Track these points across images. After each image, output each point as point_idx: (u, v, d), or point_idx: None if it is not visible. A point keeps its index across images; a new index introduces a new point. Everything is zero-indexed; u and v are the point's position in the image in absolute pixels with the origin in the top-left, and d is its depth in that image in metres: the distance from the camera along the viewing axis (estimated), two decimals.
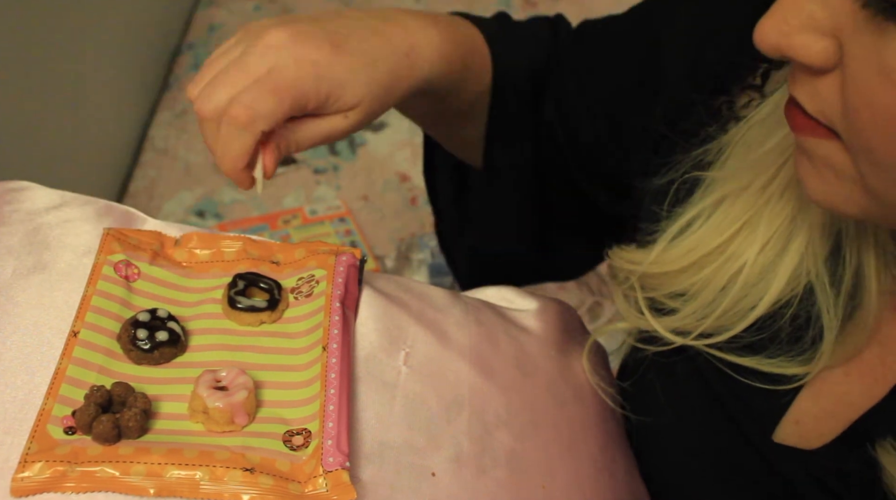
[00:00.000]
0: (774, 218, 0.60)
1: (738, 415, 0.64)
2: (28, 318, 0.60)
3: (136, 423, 0.54)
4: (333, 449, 0.54)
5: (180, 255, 0.67)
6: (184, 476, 0.52)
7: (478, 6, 1.81)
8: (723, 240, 0.62)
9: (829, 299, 0.59)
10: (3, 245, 0.65)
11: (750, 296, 0.61)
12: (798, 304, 0.60)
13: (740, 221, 0.61)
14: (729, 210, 0.62)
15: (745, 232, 0.61)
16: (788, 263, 0.60)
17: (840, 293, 0.59)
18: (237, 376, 0.58)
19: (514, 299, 0.76)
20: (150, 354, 0.59)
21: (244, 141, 0.66)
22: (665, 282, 0.65)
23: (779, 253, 0.60)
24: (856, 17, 0.43)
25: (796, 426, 0.62)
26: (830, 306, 0.59)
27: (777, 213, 0.60)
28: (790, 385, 0.61)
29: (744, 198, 0.61)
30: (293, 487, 0.53)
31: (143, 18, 1.60)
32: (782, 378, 0.61)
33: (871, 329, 0.59)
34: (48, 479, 0.51)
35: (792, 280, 0.60)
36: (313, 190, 1.43)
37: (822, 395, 0.61)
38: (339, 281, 0.65)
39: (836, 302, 0.59)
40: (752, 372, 0.62)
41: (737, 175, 0.62)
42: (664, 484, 0.71)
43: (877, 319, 0.60)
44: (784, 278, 0.60)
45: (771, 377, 0.62)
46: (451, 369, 0.64)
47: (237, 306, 0.63)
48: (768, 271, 0.61)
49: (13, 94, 1.13)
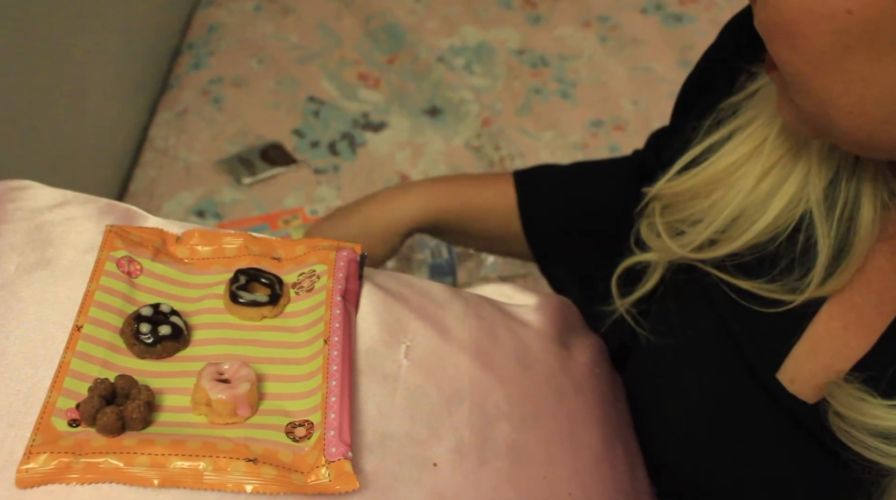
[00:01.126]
0: (779, 147, 0.66)
1: (743, 348, 0.66)
2: (32, 313, 0.61)
3: (139, 414, 0.54)
4: (336, 440, 0.54)
5: (182, 251, 0.67)
6: (187, 467, 0.52)
7: (478, 5, 1.82)
8: (732, 161, 0.68)
9: (825, 224, 0.64)
10: (7, 242, 0.65)
11: (752, 214, 0.67)
12: (797, 228, 0.65)
13: (750, 146, 0.67)
14: (741, 136, 0.68)
15: (754, 157, 0.67)
16: (789, 187, 0.66)
17: (834, 220, 0.63)
18: (240, 368, 0.58)
19: (514, 295, 0.76)
20: (153, 348, 0.60)
21: None
22: (680, 205, 0.72)
23: (782, 178, 0.66)
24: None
25: (792, 384, 0.63)
26: (825, 230, 0.64)
27: (781, 142, 0.66)
28: (786, 308, 0.64)
29: (752, 128, 0.68)
30: (296, 477, 0.53)
31: (143, 18, 1.60)
32: (779, 302, 0.65)
33: (870, 280, 0.62)
34: (53, 470, 0.52)
35: (792, 203, 0.65)
36: (314, 190, 1.43)
37: (820, 350, 0.63)
38: (339, 276, 0.65)
39: (831, 226, 0.64)
40: (751, 296, 0.66)
41: (748, 109, 0.69)
42: (666, 425, 0.72)
43: (877, 270, 0.61)
44: (785, 200, 0.66)
45: (768, 302, 0.65)
46: (452, 363, 0.65)
47: (239, 301, 0.63)
48: (771, 194, 0.66)
49: (13, 94, 1.13)
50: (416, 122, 1.56)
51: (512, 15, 1.81)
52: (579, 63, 1.70)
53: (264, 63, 1.65)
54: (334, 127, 1.54)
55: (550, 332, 0.72)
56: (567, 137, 1.55)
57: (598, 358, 0.76)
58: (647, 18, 1.81)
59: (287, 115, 1.56)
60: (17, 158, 1.14)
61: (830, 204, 0.64)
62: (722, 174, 0.69)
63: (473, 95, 1.61)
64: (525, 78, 1.66)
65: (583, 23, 1.79)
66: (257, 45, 1.69)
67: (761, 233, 0.66)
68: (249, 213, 1.40)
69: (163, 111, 1.56)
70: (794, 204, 0.66)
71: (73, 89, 1.31)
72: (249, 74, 1.63)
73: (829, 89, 0.52)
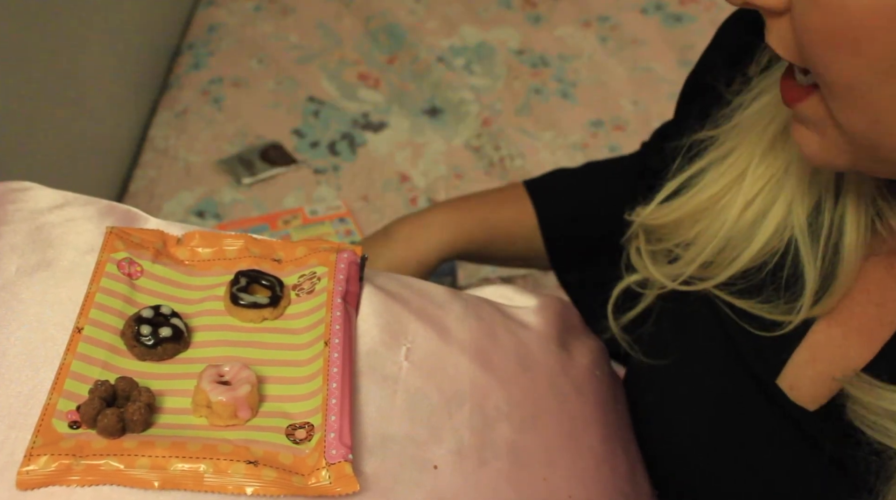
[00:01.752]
0: (763, 174, 0.66)
1: (743, 354, 0.67)
2: (32, 314, 0.61)
3: (140, 416, 0.54)
4: (336, 442, 0.54)
5: (182, 253, 0.67)
6: (188, 469, 0.53)
7: (478, 5, 1.82)
8: (714, 192, 0.68)
9: (810, 251, 0.64)
10: (7, 243, 0.65)
11: (738, 244, 0.67)
12: (783, 255, 0.65)
13: (731, 177, 0.67)
14: (720, 167, 0.68)
15: (735, 188, 0.67)
16: (774, 215, 0.65)
17: (819, 245, 0.63)
18: (240, 370, 0.58)
19: (514, 297, 0.76)
20: (154, 350, 0.60)
21: None
22: (667, 234, 0.71)
23: (767, 206, 0.66)
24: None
25: (791, 391, 0.63)
26: (810, 258, 0.63)
27: (765, 169, 0.66)
28: (782, 331, 0.64)
29: (734, 156, 0.67)
30: (296, 479, 0.53)
31: (143, 18, 1.60)
32: (772, 324, 0.65)
33: (869, 291, 0.62)
34: (53, 472, 0.52)
35: (778, 231, 0.65)
36: (313, 190, 1.43)
37: (819, 359, 0.63)
38: (340, 278, 0.65)
39: (816, 253, 0.63)
40: (749, 315, 0.66)
41: (729, 137, 0.68)
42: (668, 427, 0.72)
43: (875, 282, 0.62)
44: (770, 229, 0.65)
45: (762, 323, 0.65)
46: (452, 364, 0.65)
47: (239, 303, 0.63)
48: (756, 222, 0.66)
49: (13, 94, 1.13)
50: (416, 122, 1.56)
51: (512, 15, 1.81)
52: (579, 63, 1.70)
53: (264, 63, 1.65)
54: (334, 127, 1.54)
55: (551, 334, 0.72)
56: (567, 136, 1.55)
57: (598, 360, 0.76)
58: (647, 18, 1.81)
59: (287, 115, 1.55)
60: (17, 158, 1.14)
61: (814, 231, 0.64)
62: (706, 204, 0.69)
63: (473, 95, 1.61)
64: (525, 78, 1.66)
65: (583, 23, 1.79)
66: (257, 45, 1.69)
67: (749, 261, 0.66)
68: (249, 213, 1.40)
69: (163, 111, 1.56)
70: (780, 232, 0.66)
71: (73, 89, 1.31)
72: (249, 74, 1.63)
73: (892, 99, 0.49)
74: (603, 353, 0.79)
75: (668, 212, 0.71)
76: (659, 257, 0.74)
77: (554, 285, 1.52)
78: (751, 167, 0.66)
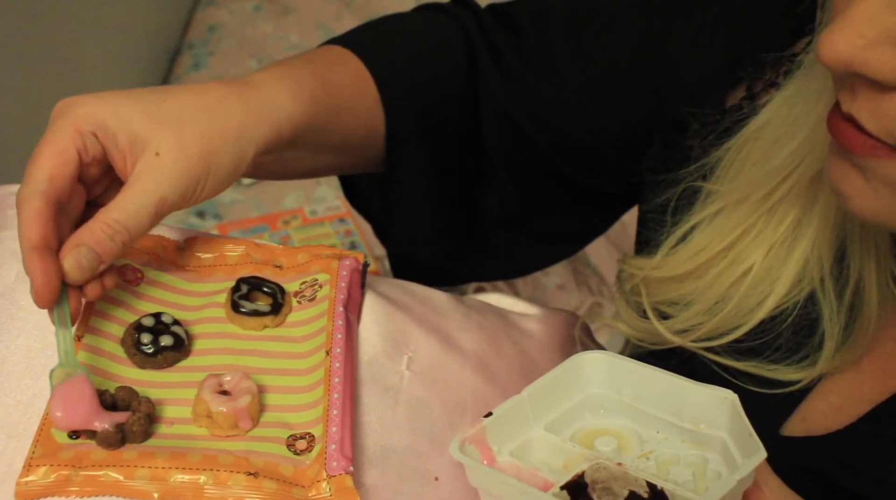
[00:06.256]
0: (778, 225, 0.60)
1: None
2: (31, 322, 0.60)
3: (139, 427, 0.54)
4: (337, 454, 0.54)
5: (183, 259, 0.67)
6: (188, 480, 0.52)
7: None
8: (724, 245, 0.62)
9: (832, 307, 0.59)
10: (7, 249, 0.65)
11: (752, 299, 0.62)
12: (800, 310, 0.61)
13: (741, 228, 0.61)
14: (730, 217, 0.62)
15: (746, 239, 0.61)
16: (791, 268, 0.60)
17: (843, 301, 0.59)
18: (241, 380, 0.58)
19: (517, 304, 0.76)
20: (154, 358, 0.59)
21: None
22: (670, 287, 0.65)
23: (782, 259, 0.61)
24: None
25: (803, 423, 0.62)
26: (833, 314, 0.59)
27: (780, 220, 0.60)
28: (788, 389, 0.61)
29: (745, 206, 0.61)
30: (297, 491, 0.53)
31: (143, 18, 1.60)
32: (779, 383, 0.62)
33: (885, 327, 0.60)
34: (52, 483, 0.52)
35: (795, 286, 0.61)
36: (313, 190, 1.43)
37: (833, 392, 0.62)
38: (342, 285, 0.65)
39: (839, 310, 0.59)
40: (747, 376, 0.62)
41: (737, 187, 0.62)
42: None
43: (892, 318, 0.60)
44: (787, 284, 0.60)
45: (767, 382, 0.62)
46: (454, 374, 0.65)
47: (241, 311, 0.63)
48: (771, 275, 0.61)
49: (13, 94, 1.13)
50: None
51: None
52: None
53: (264, 63, 1.65)
54: None
55: (554, 342, 0.72)
56: None
57: None
58: None
59: None
60: (17, 159, 1.14)
61: (836, 285, 0.59)
62: (716, 255, 0.62)
63: None
64: None
65: None
66: (257, 45, 1.69)
67: (759, 320, 0.61)
68: (249, 213, 1.39)
69: None
70: (798, 284, 0.60)
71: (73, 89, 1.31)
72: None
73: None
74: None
75: (676, 264, 0.64)
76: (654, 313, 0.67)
77: (554, 288, 1.52)
78: (762, 217, 0.60)
